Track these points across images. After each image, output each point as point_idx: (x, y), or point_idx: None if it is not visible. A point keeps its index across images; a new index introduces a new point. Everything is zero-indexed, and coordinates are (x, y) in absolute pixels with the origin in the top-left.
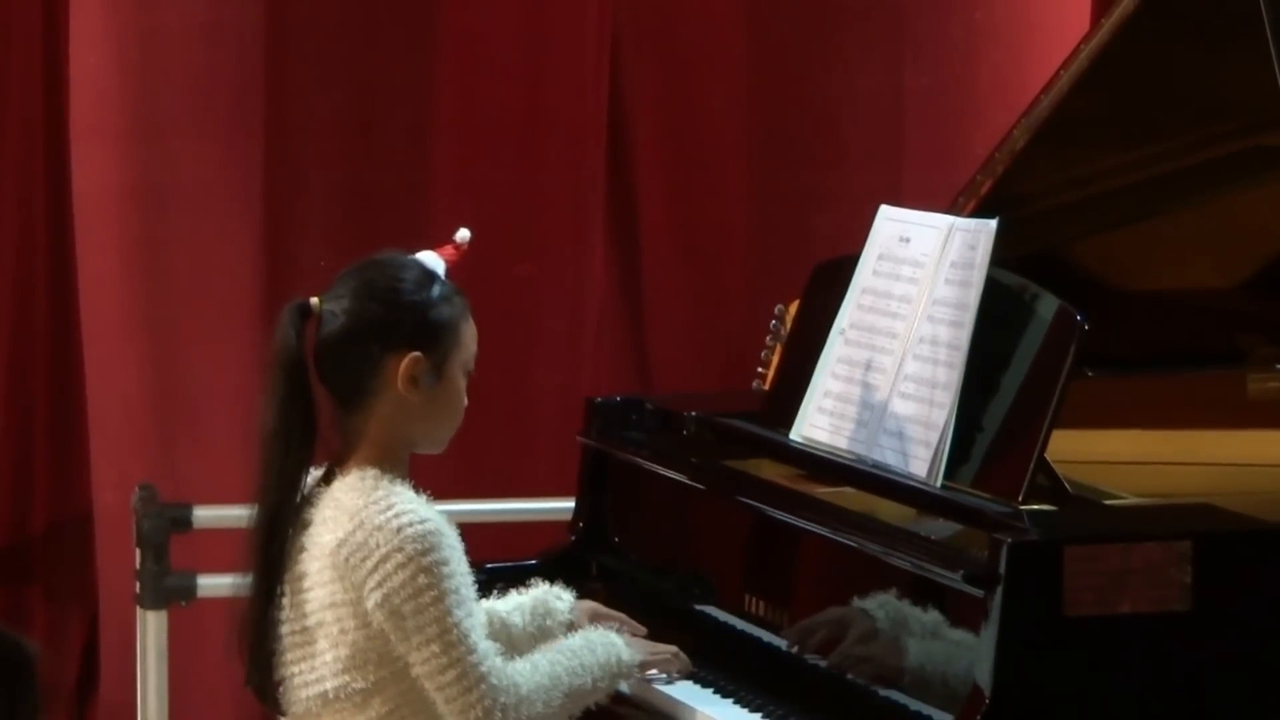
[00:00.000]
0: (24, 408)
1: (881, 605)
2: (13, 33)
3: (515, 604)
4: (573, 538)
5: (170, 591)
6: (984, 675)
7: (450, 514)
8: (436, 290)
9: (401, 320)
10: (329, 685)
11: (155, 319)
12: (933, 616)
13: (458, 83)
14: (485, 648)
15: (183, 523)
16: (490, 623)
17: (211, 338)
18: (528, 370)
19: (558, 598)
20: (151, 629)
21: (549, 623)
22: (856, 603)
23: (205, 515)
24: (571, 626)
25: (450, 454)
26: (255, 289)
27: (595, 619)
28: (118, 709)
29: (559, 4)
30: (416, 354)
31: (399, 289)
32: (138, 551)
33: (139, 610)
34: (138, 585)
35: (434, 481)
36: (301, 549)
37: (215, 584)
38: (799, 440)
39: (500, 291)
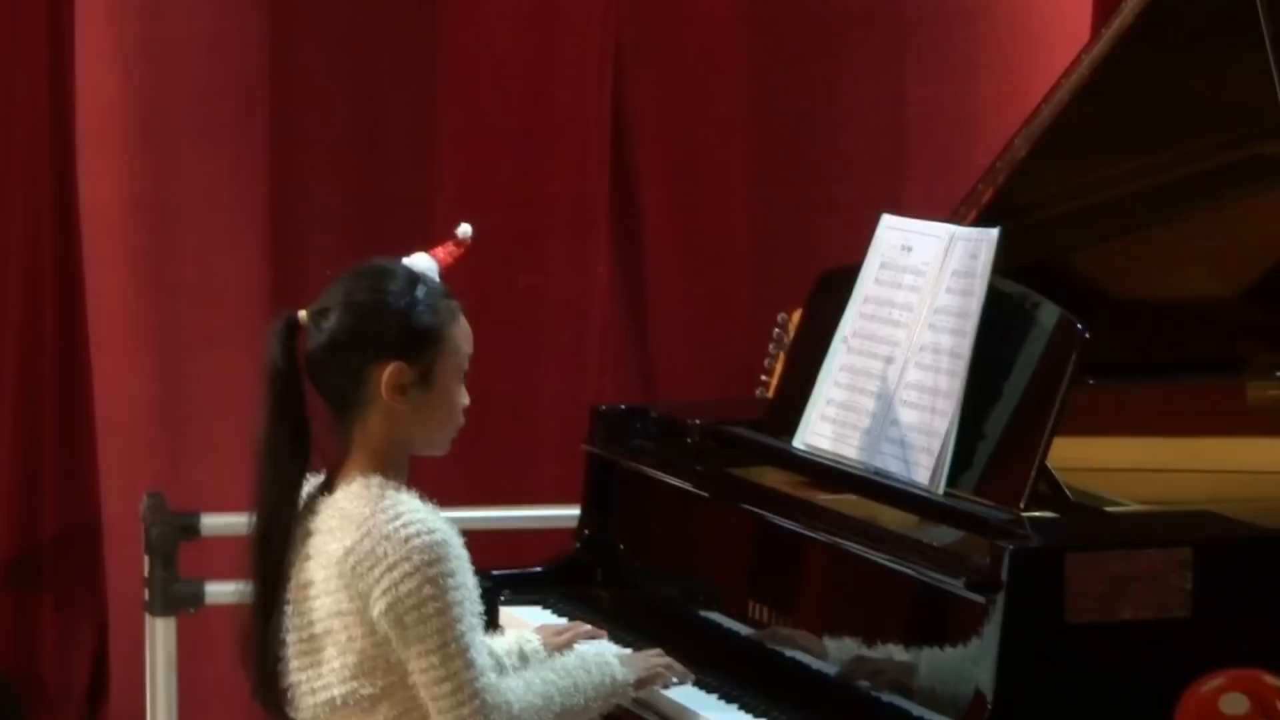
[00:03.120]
0: (33, 417)
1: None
2: (19, 44)
3: (504, 649)
4: (578, 545)
5: (179, 599)
6: (986, 682)
7: (455, 521)
8: (420, 296)
9: (381, 330)
10: (336, 692)
11: (162, 328)
12: (934, 624)
13: (462, 93)
14: (483, 663)
15: (191, 530)
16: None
17: (218, 347)
18: (533, 379)
19: (527, 641)
20: (160, 636)
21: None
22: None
23: (213, 523)
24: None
25: (456, 461)
26: (261, 298)
27: (556, 635)
28: (128, 716)
29: (562, 15)
30: (399, 363)
31: (379, 299)
32: (146, 559)
33: (148, 617)
34: (146, 593)
35: (439, 488)
36: (306, 557)
37: (223, 591)
38: (802, 448)
39: (505, 301)
